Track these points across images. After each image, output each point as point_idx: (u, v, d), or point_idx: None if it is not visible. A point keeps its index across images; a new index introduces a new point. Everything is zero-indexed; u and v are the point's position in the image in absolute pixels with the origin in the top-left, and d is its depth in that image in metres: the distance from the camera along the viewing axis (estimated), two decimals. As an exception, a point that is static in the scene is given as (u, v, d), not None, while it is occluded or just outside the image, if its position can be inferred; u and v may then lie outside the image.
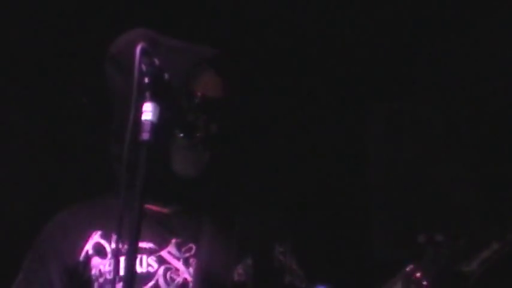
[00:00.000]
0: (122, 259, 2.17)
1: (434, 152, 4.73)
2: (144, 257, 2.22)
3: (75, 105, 4.02)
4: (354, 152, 4.81)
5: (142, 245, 2.15)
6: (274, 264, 2.34)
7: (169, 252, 2.27)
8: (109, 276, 2.23)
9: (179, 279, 2.25)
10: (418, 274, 2.13)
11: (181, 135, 2.21)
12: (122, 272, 2.16)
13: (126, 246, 2.17)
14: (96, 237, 2.29)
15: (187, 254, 2.28)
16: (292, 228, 2.48)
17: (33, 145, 4.08)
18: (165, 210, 2.29)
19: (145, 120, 1.95)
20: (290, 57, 4.63)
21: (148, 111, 1.96)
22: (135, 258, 2.04)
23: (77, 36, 4.12)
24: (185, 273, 2.26)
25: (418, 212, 4.44)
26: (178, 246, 2.29)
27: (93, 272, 2.26)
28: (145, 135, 1.94)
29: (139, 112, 1.96)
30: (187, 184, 2.28)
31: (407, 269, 2.16)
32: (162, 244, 2.26)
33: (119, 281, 2.11)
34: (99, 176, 2.54)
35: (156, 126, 1.95)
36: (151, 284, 2.22)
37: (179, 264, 2.27)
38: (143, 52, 2.02)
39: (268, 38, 4.55)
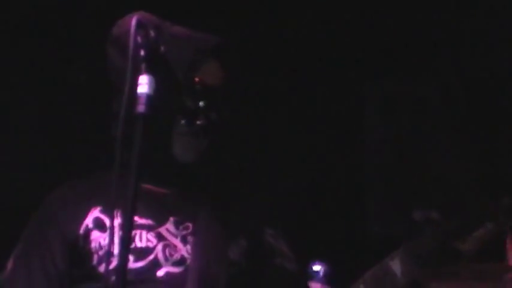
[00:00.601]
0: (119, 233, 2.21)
1: (429, 132, 4.74)
2: (144, 232, 2.21)
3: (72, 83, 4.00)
4: (349, 131, 4.82)
5: (142, 221, 2.16)
6: (265, 246, 2.36)
7: (167, 230, 2.27)
8: (107, 249, 2.17)
9: (177, 255, 2.24)
10: (416, 251, 2.14)
11: (183, 121, 2.21)
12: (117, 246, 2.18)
13: (118, 220, 2.20)
14: (96, 212, 2.28)
15: (184, 232, 2.28)
16: (283, 214, 2.50)
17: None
18: (164, 190, 2.29)
19: (141, 92, 1.91)
20: (286, 39, 4.64)
21: (144, 84, 1.92)
22: (135, 231, 2.10)
23: (75, 19, 4.11)
24: (182, 250, 2.25)
25: (412, 190, 4.46)
26: (176, 224, 2.28)
27: (93, 245, 2.24)
28: (140, 108, 1.90)
29: (135, 85, 1.92)
30: (186, 167, 2.28)
31: (405, 245, 2.17)
32: (160, 221, 2.26)
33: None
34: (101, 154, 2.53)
35: (152, 99, 1.91)
36: (150, 258, 2.21)
37: (177, 241, 2.26)
38: (139, 24, 2.00)
39: (264, 22, 4.55)
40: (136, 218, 2.11)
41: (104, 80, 2.38)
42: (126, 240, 1.92)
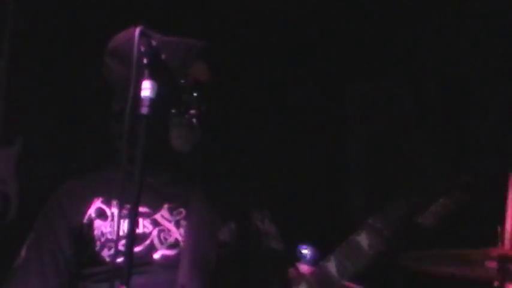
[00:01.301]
0: (124, 221, 2.20)
1: (403, 128, 4.75)
2: (140, 219, 2.22)
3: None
4: (333, 128, 4.81)
5: (139, 209, 2.08)
6: (252, 229, 2.36)
7: (162, 216, 2.28)
8: (109, 236, 2.25)
9: (171, 239, 2.26)
10: (379, 225, 2.14)
11: (177, 113, 2.23)
12: (121, 233, 2.16)
13: (124, 211, 2.20)
14: (98, 203, 2.30)
15: (178, 217, 2.29)
16: (270, 198, 2.50)
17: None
18: (159, 179, 2.30)
19: (145, 96, 1.96)
20: (272, 41, 4.60)
21: (147, 88, 1.97)
22: (137, 219, 2.09)
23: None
24: (176, 233, 2.27)
25: (389, 180, 4.47)
26: (171, 210, 2.29)
27: (96, 232, 2.26)
28: (144, 110, 1.95)
29: (138, 89, 1.97)
30: (180, 156, 2.29)
31: (370, 220, 2.17)
32: (156, 208, 2.27)
33: (121, 240, 2.13)
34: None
35: (154, 102, 1.95)
36: (147, 242, 2.23)
37: (171, 226, 2.27)
38: (142, 34, 2.03)
39: (249, 26, 4.50)
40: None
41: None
42: (133, 228, 1.95)
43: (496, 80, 4.56)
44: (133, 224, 1.94)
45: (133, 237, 1.97)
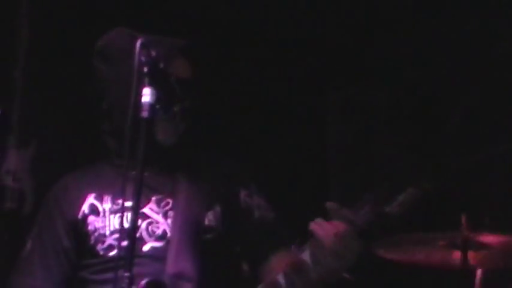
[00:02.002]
0: (114, 216, 2.20)
1: (378, 130, 4.75)
2: (129, 214, 2.07)
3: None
4: (315, 131, 4.81)
5: (127, 204, 2.04)
6: (241, 206, 2.29)
7: (150, 208, 2.22)
8: (102, 231, 2.20)
9: (159, 231, 2.20)
10: (351, 215, 2.08)
11: (161, 108, 2.10)
12: (112, 228, 2.19)
13: (115, 206, 2.20)
14: (90, 199, 2.25)
15: (165, 208, 2.23)
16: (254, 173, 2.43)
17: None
18: (146, 172, 2.14)
19: (145, 101, 1.95)
20: (261, 48, 4.57)
21: (147, 95, 1.95)
22: (138, 214, 2.00)
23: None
24: (164, 224, 2.21)
25: (366, 174, 4.47)
26: (158, 202, 2.23)
27: (90, 227, 2.22)
28: (145, 114, 1.94)
29: (139, 95, 1.96)
30: (166, 150, 2.22)
31: (343, 211, 2.11)
32: (144, 202, 2.18)
33: (112, 234, 2.14)
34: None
35: (153, 106, 1.95)
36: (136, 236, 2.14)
37: (159, 217, 2.22)
38: (142, 46, 2.01)
39: (235, 32, 4.44)
40: (123, 202, 2.04)
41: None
42: (134, 224, 1.93)
43: (458, 85, 4.58)
44: (135, 220, 1.92)
45: (135, 231, 1.95)
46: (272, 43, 4.57)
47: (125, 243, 2.01)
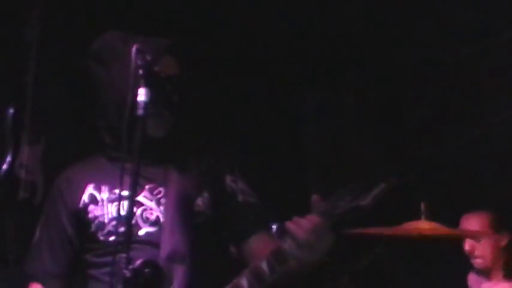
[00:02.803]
0: (112, 205, 2.15)
1: (349, 127, 4.74)
2: (125, 202, 2.04)
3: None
4: (295, 126, 4.80)
5: (123, 193, 1.99)
6: (227, 190, 2.23)
7: (144, 196, 2.17)
8: (101, 219, 2.16)
9: (153, 217, 2.15)
10: (328, 207, 2.04)
11: (153, 106, 2.02)
12: (110, 215, 2.14)
13: (112, 196, 2.16)
14: (90, 189, 2.20)
15: (158, 196, 2.18)
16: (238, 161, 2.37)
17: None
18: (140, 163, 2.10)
19: (140, 100, 1.93)
20: (244, 53, 4.53)
21: (142, 94, 1.94)
22: (134, 203, 1.97)
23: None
24: (157, 211, 2.15)
25: (340, 168, 4.46)
26: (151, 190, 2.18)
27: (90, 216, 2.17)
28: (140, 111, 1.92)
29: (135, 95, 1.94)
30: (157, 142, 2.16)
31: (323, 205, 2.07)
32: (138, 190, 2.12)
33: (111, 222, 2.10)
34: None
35: (147, 104, 1.93)
36: (132, 222, 2.06)
37: (152, 204, 2.16)
38: (138, 51, 1.98)
39: (218, 37, 4.36)
40: (119, 191, 2.01)
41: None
42: (131, 211, 1.92)
43: (419, 86, 4.60)
44: (132, 208, 1.91)
45: (131, 218, 1.93)
46: (257, 50, 4.55)
47: (122, 229, 1.99)
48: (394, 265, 3.65)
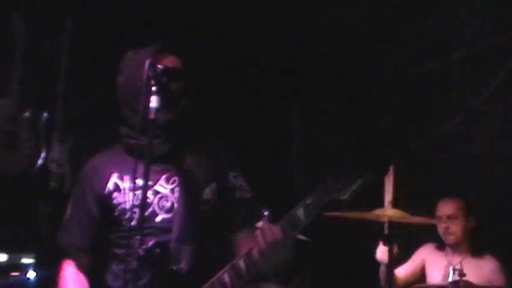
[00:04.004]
0: (133, 194, 2.07)
1: (330, 128, 4.70)
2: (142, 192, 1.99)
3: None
4: (283, 127, 4.77)
5: (141, 183, 1.93)
6: (229, 185, 2.16)
7: (161, 185, 2.09)
8: (123, 205, 2.09)
9: (168, 204, 2.08)
10: (311, 201, 1.99)
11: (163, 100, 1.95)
12: (131, 203, 2.07)
13: (132, 185, 2.07)
14: (114, 178, 2.13)
15: (173, 185, 2.10)
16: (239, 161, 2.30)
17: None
18: (156, 156, 2.05)
19: (152, 106, 1.90)
20: (243, 66, 4.49)
21: (154, 101, 1.91)
22: (147, 191, 1.91)
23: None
24: (172, 197, 2.08)
25: (322, 165, 4.44)
26: (167, 180, 2.10)
27: (114, 202, 2.10)
28: (152, 115, 1.88)
29: (147, 102, 1.90)
30: (169, 125, 2.06)
31: (308, 198, 2.02)
32: (155, 179, 2.08)
33: (136, 207, 2.02)
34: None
35: (157, 110, 1.89)
36: (150, 210, 2.06)
37: (167, 192, 2.09)
38: (150, 65, 1.93)
39: (215, 44, 4.27)
40: (140, 181, 1.95)
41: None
42: (144, 199, 1.88)
43: (391, 98, 4.59)
44: (145, 196, 1.87)
45: (144, 205, 1.89)
46: (255, 64, 4.52)
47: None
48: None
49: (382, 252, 3.09)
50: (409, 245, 3.40)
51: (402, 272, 3.50)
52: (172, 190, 2.09)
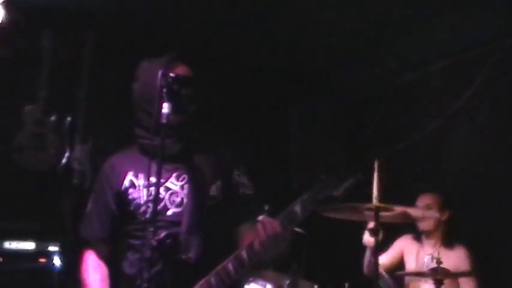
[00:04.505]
0: (147, 190, 2.05)
1: (322, 130, 4.70)
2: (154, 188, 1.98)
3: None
4: (281, 132, 4.76)
5: (156, 180, 1.91)
6: (233, 183, 2.14)
7: (171, 182, 2.08)
8: (138, 201, 2.08)
9: (178, 199, 2.06)
10: (307, 198, 1.98)
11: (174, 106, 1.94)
12: (146, 198, 2.05)
13: (146, 182, 2.05)
14: (130, 176, 2.11)
15: (182, 182, 2.08)
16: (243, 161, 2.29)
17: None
18: (167, 155, 2.01)
19: (164, 112, 1.88)
20: (245, 77, 4.46)
21: (166, 108, 1.88)
22: (159, 188, 1.90)
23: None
24: (182, 193, 2.06)
25: (317, 165, 4.43)
26: (177, 177, 2.08)
27: (130, 197, 2.08)
28: (164, 120, 1.87)
29: (160, 107, 1.88)
30: (180, 126, 2.04)
31: (305, 195, 2.00)
32: (167, 177, 2.07)
33: (149, 202, 2.00)
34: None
35: (169, 115, 1.87)
36: (162, 204, 2.04)
37: (178, 189, 2.07)
38: (162, 74, 1.91)
39: (218, 54, 4.25)
40: (153, 179, 1.93)
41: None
42: (157, 195, 1.88)
43: (377, 105, 4.59)
44: (157, 191, 1.86)
45: (157, 200, 1.88)
46: (255, 76, 4.51)
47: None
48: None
49: (367, 237, 3.10)
50: (389, 237, 3.41)
51: (384, 259, 3.52)
52: (182, 187, 2.07)
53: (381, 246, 3.12)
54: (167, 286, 1.94)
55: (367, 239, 3.10)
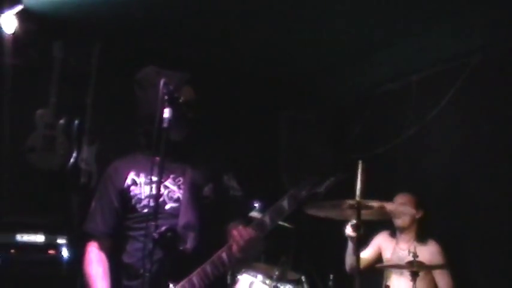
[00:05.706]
0: (147, 187, 2.12)
1: (309, 137, 4.73)
2: (155, 185, 2.01)
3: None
4: (271, 137, 4.76)
5: (155, 179, 2.00)
6: (223, 185, 2.23)
7: (169, 182, 2.14)
8: (139, 196, 2.13)
9: (175, 196, 2.13)
10: (293, 193, 2.03)
11: (175, 120, 1.96)
12: (146, 194, 2.11)
13: (147, 180, 2.12)
14: (131, 175, 2.17)
15: (179, 183, 2.15)
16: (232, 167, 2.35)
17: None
18: (166, 160, 2.05)
19: (166, 117, 1.91)
20: (238, 86, 4.47)
21: (167, 113, 1.92)
22: (160, 186, 1.94)
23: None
24: (178, 193, 2.13)
25: (304, 166, 4.45)
26: (174, 179, 2.16)
27: (131, 193, 2.14)
28: (165, 124, 1.90)
29: (162, 113, 1.92)
30: (176, 144, 2.09)
31: (291, 191, 2.06)
32: (165, 178, 2.13)
33: (149, 198, 2.06)
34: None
35: (170, 120, 1.91)
36: (161, 199, 2.09)
37: (174, 188, 2.14)
38: (164, 83, 1.95)
39: (216, 70, 4.25)
40: (153, 178, 2.01)
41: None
42: (158, 192, 1.91)
43: (360, 112, 4.62)
44: (159, 190, 1.90)
45: (158, 196, 1.91)
46: (247, 85, 4.51)
47: (152, 204, 1.96)
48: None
49: (349, 229, 3.11)
50: (368, 234, 3.45)
51: (365, 255, 3.55)
52: (178, 187, 2.14)
53: (362, 242, 3.16)
54: (166, 273, 1.98)
55: (349, 231, 3.14)
